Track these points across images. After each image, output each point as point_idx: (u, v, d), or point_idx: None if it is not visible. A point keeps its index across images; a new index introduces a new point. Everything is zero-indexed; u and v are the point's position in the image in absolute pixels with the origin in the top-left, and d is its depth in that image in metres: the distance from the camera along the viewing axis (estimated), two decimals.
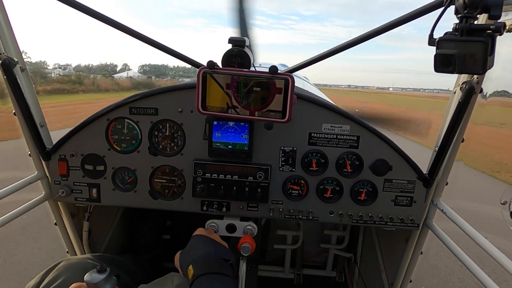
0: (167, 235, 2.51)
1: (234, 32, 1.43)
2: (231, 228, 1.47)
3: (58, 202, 1.62)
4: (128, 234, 2.35)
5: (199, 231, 1.30)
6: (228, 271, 1.05)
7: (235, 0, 1.40)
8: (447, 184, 1.47)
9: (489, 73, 1.02)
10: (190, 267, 1.04)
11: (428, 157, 1.44)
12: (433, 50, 0.89)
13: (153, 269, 2.17)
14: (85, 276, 0.98)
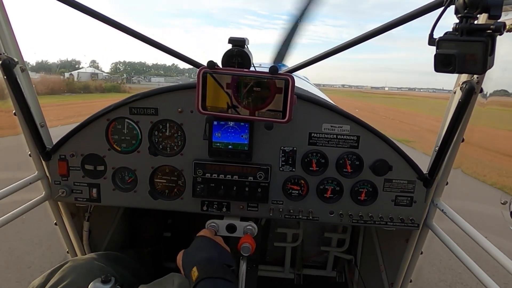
0: (168, 232, 2.51)
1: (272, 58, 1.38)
2: (231, 228, 1.47)
3: (58, 202, 1.62)
4: (129, 234, 2.35)
5: (203, 232, 1.30)
6: (231, 277, 1.06)
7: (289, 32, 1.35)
8: (447, 184, 1.47)
9: (489, 73, 1.02)
10: (194, 269, 1.04)
11: None
12: (425, 49, 0.89)
13: (154, 267, 2.17)
14: (89, 286, 0.99)
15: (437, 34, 0.89)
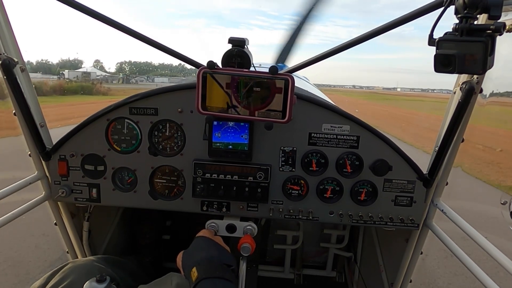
0: (167, 235, 2.51)
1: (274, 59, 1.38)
2: (231, 228, 1.47)
3: (58, 202, 1.62)
4: (128, 234, 2.35)
5: (202, 233, 1.30)
6: (231, 277, 1.05)
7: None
8: (447, 184, 1.47)
9: (489, 73, 1.02)
10: (194, 269, 1.04)
11: None
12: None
13: (155, 271, 2.17)
14: (84, 285, 0.99)
15: (437, 35, 0.89)
